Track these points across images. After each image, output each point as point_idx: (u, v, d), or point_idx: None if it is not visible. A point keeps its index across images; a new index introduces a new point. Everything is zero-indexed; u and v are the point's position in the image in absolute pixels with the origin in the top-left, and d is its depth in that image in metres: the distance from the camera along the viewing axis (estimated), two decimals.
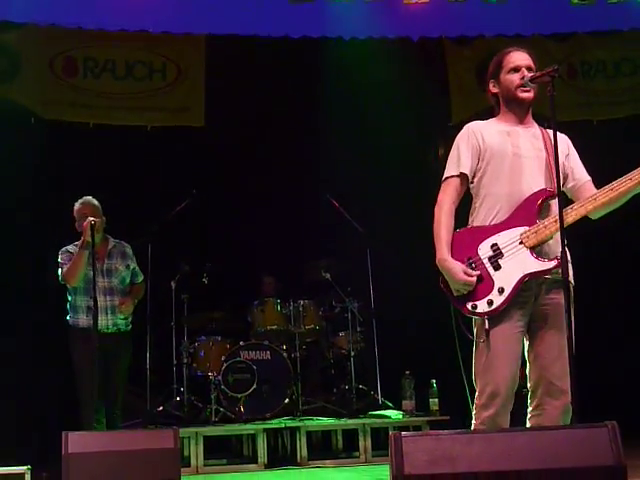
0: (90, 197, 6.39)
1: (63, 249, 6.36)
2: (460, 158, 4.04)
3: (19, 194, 8.16)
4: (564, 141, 4.08)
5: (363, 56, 8.99)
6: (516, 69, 4.02)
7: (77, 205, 6.36)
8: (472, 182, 4.06)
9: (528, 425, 3.87)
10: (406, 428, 7.55)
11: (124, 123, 8.77)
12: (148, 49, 9.05)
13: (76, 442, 5.09)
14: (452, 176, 4.05)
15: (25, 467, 6.40)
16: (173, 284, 8.02)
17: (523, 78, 3.96)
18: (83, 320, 6.25)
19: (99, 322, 5.98)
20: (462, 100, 9.17)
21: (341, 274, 8.32)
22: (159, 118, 8.93)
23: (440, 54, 9.40)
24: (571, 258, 3.87)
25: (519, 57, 4.05)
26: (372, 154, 8.95)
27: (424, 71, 9.16)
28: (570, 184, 4.05)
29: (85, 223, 6.08)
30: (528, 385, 3.91)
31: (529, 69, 4.00)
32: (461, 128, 4.17)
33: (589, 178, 4.07)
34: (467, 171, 4.02)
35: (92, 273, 6.00)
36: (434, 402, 7.79)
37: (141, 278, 6.65)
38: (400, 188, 8.79)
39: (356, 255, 8.28)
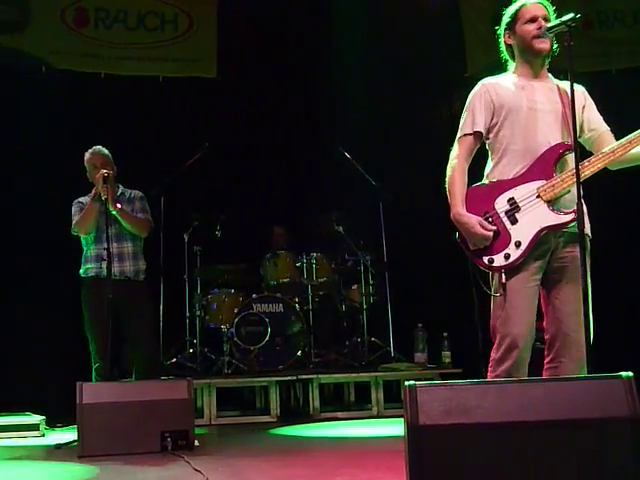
0: (100, 147, 6.36)
1: (75, 201, 6.35)
2: (474, 116, 4.02)
3: (30, 143, 8.13)
4: (580, 92, 4.03)
5: (377, 6, 8.88)
6: (533, 19, 3.96)
7: (87, 155, 6.34)
8: (488, 138, 4.04)
9: None
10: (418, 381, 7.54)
11: (136, 74, 8.72)
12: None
13: (90, 392, 5.14)
14: (466, 134, 4.03)
15: (40, 418, 6.48)
16: (186, 237, 8.01)
17: (540, 28, 3.90)
18: (92, 269, 6.26)
19: (104, 270, 5.98)
20: (477, 51, 9.06)
21: (353, 227, 8.29)
22: (171, 69, 8.88)
23: (455, 4, 9.29)
24: (588, 211, 3.83)
25: (535, 7, 4.00)
26: (386, 106, 8.87)
27: (439, 21, 9.04)
28: (587, 135, 4.01)
29: (98, 175, 6.08)
30: (545, 337, 3.90)
31: (545, 20, 3.94)
32: (477, 79, 4.12)
33: (607, 128, 4.02)
34: (480, 129, 4.00)
35: (104, 223, 6.00)
36: (446, 355, 7.80)
37: (143, 215, 6.46)
38: (414, 141, 8.71)
39: (369, 208, 8.25)
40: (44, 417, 6.53)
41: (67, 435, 6.05)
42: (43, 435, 6.41)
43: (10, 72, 8.28)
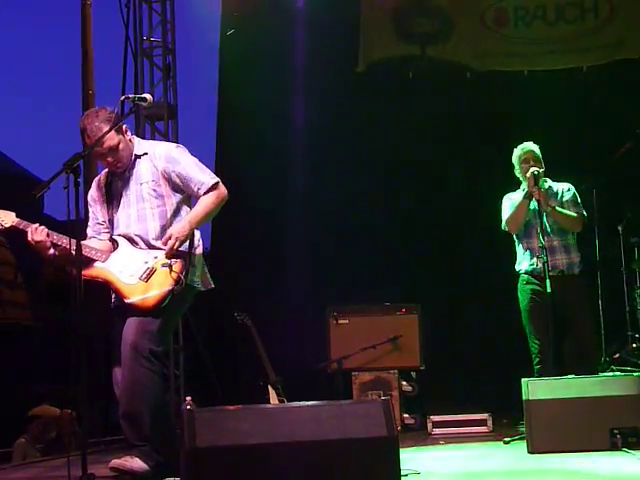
0: (530, 143, 6.34)
1: (506, 196, 6.40)
2: None
3: (451, 146, 8.56)
4: None
5: None
6: None
7: (517, 151, 6.36)
8: None
9: None
10: None
11: (558, 67, 8.67)
12: None
13: (537, 389, 5.19)
14: None
15: (487, 414, 6.70)
16: (620, 228, 7.75)
17: None
18: (524, 264, 6.28)
19: (539, 265, 5.96)
20: None
21: None
22: (594, 57, 8.71)
23: None
24: None
25: None
26: None
27: None
28: None
29: (528, 174, 6.13)
30: None
31: None
32: None
33: None
34: None
35: (535, 218, 6.02)
36: None
37: (575, 209, 6.34)
38: None
39: None
40: (491, 413, 6.73)
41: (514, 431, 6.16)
42: (492, 431, 6.62)
43: (437, 82, 8.73)
